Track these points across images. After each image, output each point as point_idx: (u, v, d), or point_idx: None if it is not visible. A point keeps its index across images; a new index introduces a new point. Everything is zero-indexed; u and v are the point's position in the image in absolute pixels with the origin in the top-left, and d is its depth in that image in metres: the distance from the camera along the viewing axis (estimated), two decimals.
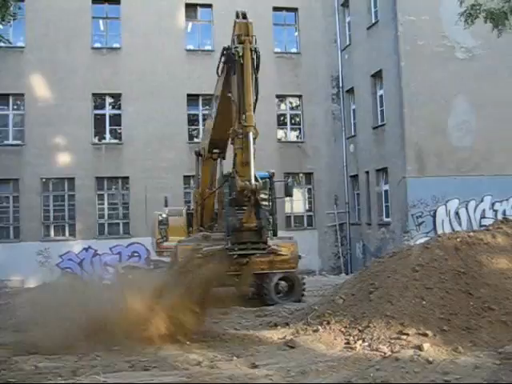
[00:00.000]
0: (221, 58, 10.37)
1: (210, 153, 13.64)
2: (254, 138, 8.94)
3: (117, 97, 23.70)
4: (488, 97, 20.09)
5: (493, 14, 11.02)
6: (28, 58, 22.68)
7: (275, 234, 14.50)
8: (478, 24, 11.62)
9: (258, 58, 9.41)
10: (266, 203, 15.61)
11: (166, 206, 16.27)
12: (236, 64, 9.27)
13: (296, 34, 25.86)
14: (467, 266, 8.94)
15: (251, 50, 9.29)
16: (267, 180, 15.59)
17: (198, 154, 14.45)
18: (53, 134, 22.43)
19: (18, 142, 22.74)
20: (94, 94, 23.37)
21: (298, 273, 15.32)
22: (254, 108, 9.18)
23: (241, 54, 9.20)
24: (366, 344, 7.77)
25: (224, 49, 9.97)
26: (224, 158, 13.61)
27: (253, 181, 8.63)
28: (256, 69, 9.30)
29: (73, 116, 22.56)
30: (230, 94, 9.64)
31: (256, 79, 9.34)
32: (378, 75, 22.17)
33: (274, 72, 24.48)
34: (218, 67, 10.94)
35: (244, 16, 9.87)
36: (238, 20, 9.77)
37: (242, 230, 8.88)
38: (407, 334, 7.67)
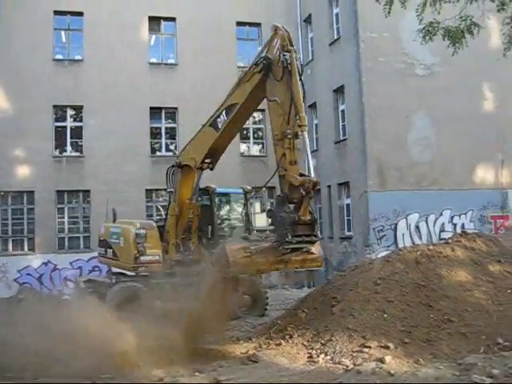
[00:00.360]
0: (252, 68, 11.13)
1: (202, 163, 13.55)
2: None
3: (78, 109, 23.41)
4: (446, 112, 20.54)
5: (450, 32, 11.29)
6: None
7: None
8: (436, 42, 11.88)
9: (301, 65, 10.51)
10: (241, 218, 15.94)
11: (115, 219, 15.83)
12: (284, 71, 10.10)
13: (259, 48, 25.99)
14: (427, 278, 9.09)
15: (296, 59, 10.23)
16: (243, 195, 15.92)
17: (179, 166, 14.33)
18: (12, 147, 21.96)
19: None
20: (55, 106, 23.04)
21: (261, 287, 15.35)
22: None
23: (289, 61, 10.02)
24: (329, 357, 7.80)
25: (262, 58, 10.70)
26: (212, 169, 13.69)
27: (312, 174, 9.45)
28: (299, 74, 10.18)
29: (33, 128, 22.16)
30: (275, 99, 10.34)
31: (302, 83, 10.24)
32: (339, 90, 22.45)
33: None
34: (243, 76, 11.78)
35: (284, 29, 10.65)
36: (280, 32, 10.52)
37: (299, 224, 9.24)
38: (369, 347, 7.72)
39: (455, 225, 20.73)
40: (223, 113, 12.67)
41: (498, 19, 11.76)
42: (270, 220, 10.04)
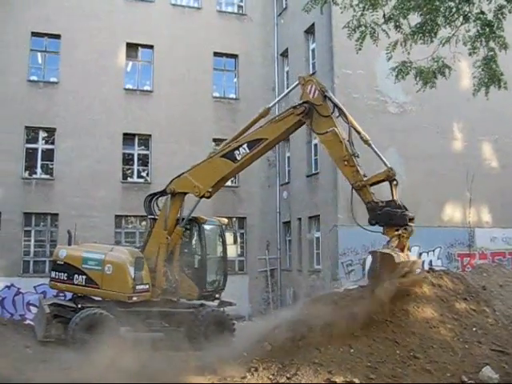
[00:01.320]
0: (291, 111, 12.74)
1: (209, 192, 14.03)
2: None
3: (51, 131, 23.22)
4: (417, 150, 20.89)
5: (422, 72, 11.58)
6: None
7: (225, 279, 15.94)
8: (408, 81, 12.14)
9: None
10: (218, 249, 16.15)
11: (70, 243, 15.52)
12: (336, 107, 12.26)
13: (235, 79, 26.27)
14: (394, 314, 9.10)
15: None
16: (219, 227, 16.07)
17: (172, 193, 14.37)
18: None
19: None
20: (27, 127, 22.80)
21: (228, 318, 15.25)
22: None
23: (333, 98, 12.34)
24: None
25: (304, 103, 12.42)
26: (210, 197, 14.24)
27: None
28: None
29: (3, 148, 21.82)
30: (328, 130, 12.07)
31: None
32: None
33: (211, 116, 24.78)
34: (276, 117, 13.39)
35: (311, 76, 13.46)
36: (311, 80, 12.73)
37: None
38: (335, 382, 7.68)
39: (423, 262, 20.88)
40: (244, 146, 13.36)
41: (468, 62, 12.07)
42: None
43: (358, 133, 12.12)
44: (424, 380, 7.74)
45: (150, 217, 15.46)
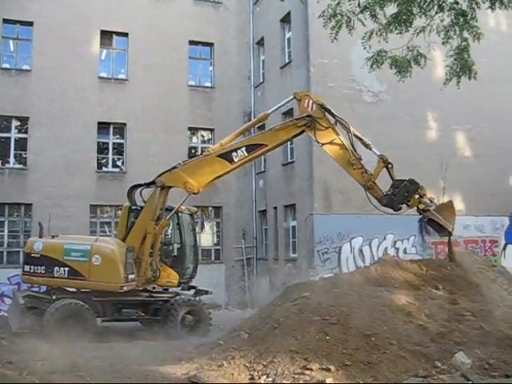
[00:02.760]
0: (293, 122, 13.62)
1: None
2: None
3: (24, 120, 22.91)
4: (391, 139, 20.99)
5: (397, 62, 11.67)
6: None
7: (196, 266, 16.52)
8: (383, 70, 12.24)
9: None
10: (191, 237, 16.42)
11: (41, 235, 15.33)
12: (335, 118, 13.29)
13: (210, 68, 26.15)
14: (368, 301, 9.21)
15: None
16: (190, 216, 16.37)
17: (162, 187, 14.37)
18: None
19: None
20: None
21: (205, 307, 15.32)
22: None
23: (331, 111, 13.35)
24: (270, 379, 7.77)
25: (306, 116, 13.24)
26: (198, 193, 14.44)
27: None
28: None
29: None
30: (330, 141, 13.09)
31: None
32: (289, 113, 22.66)
33: (186, 105, 24.66)
34: (280, 126, 13.94)
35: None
36: (307, 95, 13.69)
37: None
38: (311, 369, 7.73)
39: (398, 249, 21.14)
40: (243, 149, 13.81)
41: (442, 51, 12.20)
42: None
43: (360, 139, 13.34)
44: (399, 366, 7.85)
45: (132, 207, 15.44)
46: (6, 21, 22.84)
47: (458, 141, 22.99)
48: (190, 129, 24.81)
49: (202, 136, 26.05)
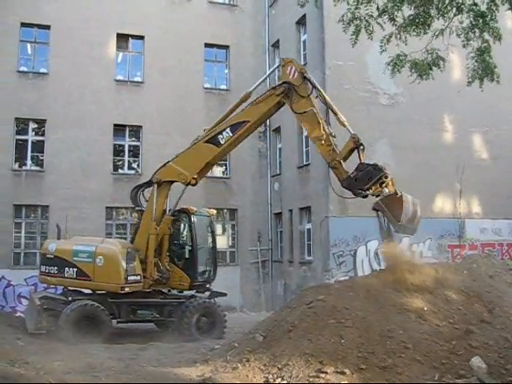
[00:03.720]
0: (271, 92, 13.25)
1: (194, 178, 14.25)
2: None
3: (41, 123, 23.12)
4: (407, 142, 20.95)
5: (417, 65, 11.61)
6: None
7: (215, 269, 16.10)
8: (401, 72, 12.20)
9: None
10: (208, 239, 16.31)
11: (59, 237, 15.51)
12: (311, 88, 12.69)
13: (226, 71, 26.20)
14: (385, 304, 9.15)
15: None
16: (208, 218, 16.26)
17: (158, 183, 14.44)
18: None
19: None
20: (16, 119, 22.70)
21: (220, 309, 15.31)
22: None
23: (312, 80, 12.85)
24: (285, 382, 7.74)
25: (283, 83, 12.98)
26: (196, 184, 14.48)
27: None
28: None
29: None
30: (306, 110, 12.54)
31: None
32: None
33: (202, 107, 24.69)
34: (257, 99, 13.58)
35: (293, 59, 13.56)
36: (291, 61, 13.23)
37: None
38: (326, 373, 7.69)
39: (413, 253, 20.97)
40: (227, 130, 13.80)
41: (459, 53, 12.12)
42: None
43: (335, 114, 12.53)
44: (415, 370, 7.79)
45: (137, 208, 15.50)
46: (23, 24, 23.06)
47: (474, 143, 22.84)
48: (205, 131, 24.85)
49: None
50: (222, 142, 13.86)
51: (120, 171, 24.05)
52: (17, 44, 22.97)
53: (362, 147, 12.03)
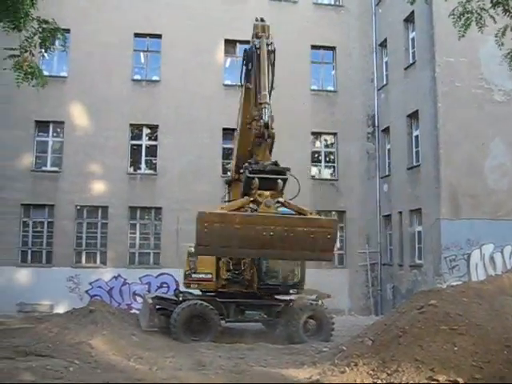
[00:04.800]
0: (243, 64, 12.21)
1: (238, 173, 14.14)
2: (271, 137, 10.28)
3: (154, 128, 24.07)
4: None
5: None
6: (69, 87, 23.25)
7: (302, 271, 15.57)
8: None
9: (274, 52, 11.09)
10: None
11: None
12: (254, 56, 10.89)
13: (333, 72, 26.02)
14: (502, 313, 8.70)
15: (267, 44, 10.94)
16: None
17: (229, 183, 14.72)
18: (89, 163, 22.82)
19: (56, 169, 23.20)
20: (131, 125, 23.78)
21: (327, 312, 15.19)
22: (270, 94, 10.43)
23: (258, 46, 10.92)
24: None
25: (244, 50, 11.81)
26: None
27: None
28: (273, 63, 10.94)
29: (110, 145, 22.97)
30: (249, 85, 11.28)
31: (273, 71, 10.80)
32: (414, 115, 22.09)
33: (309, 109, 24.65)
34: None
35: (262, 20, 11.73)
36: (256, 22, 11.65)
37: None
38: (437, 381, 7.43)
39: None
40: (238, 122, 14.65)
41: None
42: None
43: (260, 90, 10.92)
44: None
45: None
46: (136, 35, 24.14)
47: None
48: (312, 133, 24.80)
49: (325, 140, 25.78)
50: (237, 133, 14.52)
51: (229, 174, 24.47)
52: (131, 54, 24.07)
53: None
